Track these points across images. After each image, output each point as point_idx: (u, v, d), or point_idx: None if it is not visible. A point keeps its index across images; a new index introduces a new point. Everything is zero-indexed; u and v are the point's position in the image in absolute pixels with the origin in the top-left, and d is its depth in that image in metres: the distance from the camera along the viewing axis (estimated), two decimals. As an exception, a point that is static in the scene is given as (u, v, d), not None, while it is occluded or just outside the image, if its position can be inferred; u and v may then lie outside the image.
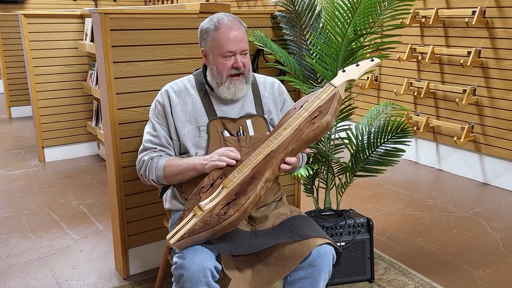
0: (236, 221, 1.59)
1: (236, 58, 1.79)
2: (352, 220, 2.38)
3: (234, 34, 1.77)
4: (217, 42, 1.78)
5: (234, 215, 1.57)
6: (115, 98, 2.26)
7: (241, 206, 1.58)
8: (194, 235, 1.58)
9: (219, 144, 1.83)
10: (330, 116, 1.66)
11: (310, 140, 1.67)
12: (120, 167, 2.33)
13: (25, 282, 2.49)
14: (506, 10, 3.58)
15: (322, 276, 1.68)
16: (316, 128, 1.65)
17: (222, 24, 1.78)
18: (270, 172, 1.65)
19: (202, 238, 1.60)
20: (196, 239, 1.59)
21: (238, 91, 1.84)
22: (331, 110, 1.67)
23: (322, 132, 1.67)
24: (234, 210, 1.57)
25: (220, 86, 1.84)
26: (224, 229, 1.59)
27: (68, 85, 4.48)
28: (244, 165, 1.67)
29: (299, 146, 1.68)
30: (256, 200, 1.62)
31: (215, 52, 1.80)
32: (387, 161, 2.46)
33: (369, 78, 4.63)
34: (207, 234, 1.58)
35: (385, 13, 2.26)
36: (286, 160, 1.68)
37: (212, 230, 1.57)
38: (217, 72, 1.82)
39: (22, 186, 3.89)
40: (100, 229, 3.08)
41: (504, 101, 3.68)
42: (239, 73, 1.82)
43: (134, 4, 8.85)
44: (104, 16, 2.16)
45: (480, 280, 2.48)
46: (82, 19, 4.42)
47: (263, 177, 1.62)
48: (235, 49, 1.78)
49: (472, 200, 3.55)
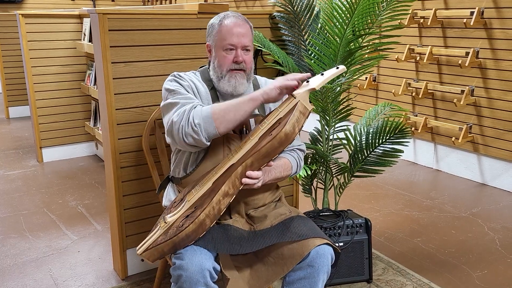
0: (193, 234, 1.61)
1: (237, 52, 1.81)
2: (351, 220, 2.38)
3: (237, 29, 1.80)
4: (220, 35, 1.81)
5: (189, 227, 1.60)
6: (114, 98, 2.26)
7: (196, 218, 1.60)
8: (157, 246, 1.62)
9: (222, 140, 1.82)
10: (289, 126, 1.61)
11: (269, 152, 1.63)
12: (118, 168, 2.33)
13: (23, 282, 2.48)
14: (504, 11, 3.58)
15: (320, 276, 1.68)
16: (273, 139, 1.61)
17: (227, 19, 1.82)
18: (229, 186, 1.64)
19: (166, 250, 1.62)
20: (160, 251, 1.63)
21: (239, 85, 1.83)
22: (290, 121, 1.61)
23: (281, 144, 1.62)
24: (190, 222, 1.60)
25: (220, 80, 1.84)
26: (183, 240, 1.61)
27: (66, 85, 4.47)
28: (206, 179, 1.69)
29: (257, 159, 1.64)
30: (213, 214, 1.63)
31: (217, 45, 1.82)
32: (385, 162, 2.47)
33: (368, 79, 4.63)
34: (168, 246, 1.62)
35: (383, 14, 2.26)
36: (247, 174, 1.64)
37: (171, 241, 1.61)
38: (218, 65, 1.83)
39: (20, 186, 3.88)
40: (98, 230, 3.08)
41: (502, 102, 3.69)
42: (240, 69, 1.82)
43: (133, 4, 8.84)
44: (102, 16, 2.16)
45: (478, 280, 2.49)
46: (80, 19, 4.42)
47: (220, 191, 1.63)
48: (236, 42, 1.79)
49: (470, 201, 3.55)
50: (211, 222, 1.64)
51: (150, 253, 1.63)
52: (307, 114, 1.66)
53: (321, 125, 2.49)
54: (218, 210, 1.64)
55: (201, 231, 1.63)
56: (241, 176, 1.65)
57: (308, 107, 1.66)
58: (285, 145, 1.64)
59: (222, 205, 1.65)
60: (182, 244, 1.62)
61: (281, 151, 1.65)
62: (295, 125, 1.63)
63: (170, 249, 1.63)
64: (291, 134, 1.62)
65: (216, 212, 1.64)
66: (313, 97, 2.33)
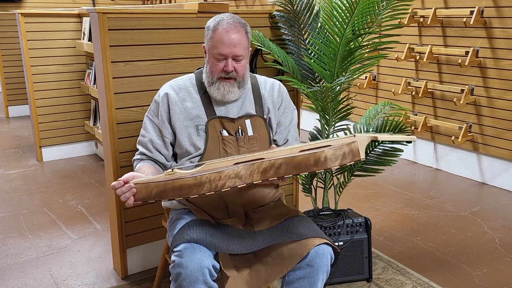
0: (186, 189, 1.55)
1: (227, 62, 1.77)
2: (350, 219, 2.38)
3: (229, 38, 1.74)
4: (212, 43, 1.78)
5: (186, 179, 1.54)
6: (113, 97, 2.26)
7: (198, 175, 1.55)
8: (149, 183, 1.56)
9: (218, 144, 1.82)
10: (332, 154, 1.57)
11: (301, 165, 1.58)
12: (118, 167, 2.33)
13: (23, 282, 2.48)
14: (504, 10, 3.58)
15: (320, 276, 1.68)
16: (312, 154, 1.57)
17: (221, 25, 1.76)
18: (246, 171, 1.57)
19: (154, 192, 1.56)
20: (148, 190, 1.56)
21: (228, 94, 1.82)
22: (337, 151, 1.57)
23: (316, 163, 1.57)
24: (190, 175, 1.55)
25: (210, 86, 1.83)
26: (173, 190, 1.55)
27: (66, 85, 4.47)
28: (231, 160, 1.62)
29: (287, 163, 1.58)
30: (216, 184, 1.56)
31: (210, 52, 1.81)
32: (385, 161, 2.47)
33: (367, 78, 4.63)
34: (158, 188, 1.56)
35: (383, 13, 2.26)
36: (264, 174, 1.59)
37: (163, 184, 1.55)
38: (209, 71, 1.82)
39: (19, 185, 3.88)
40: (98, 229, 3.08)
41: (502, 101, 3.69)
42: (230, 77, 1.80)
43: (132, 3, 8.84)
44: (102, 15, 2.16)
45: (477, 279, 2.49)
46: (80, 18, 4.41)
47: (234, 168, 1.57)
48: (227, 53, 1.76)
49: (470, 200, 3.55)
50: (209, 191, 1.56)
51: (139, 187, 1.57)
52: (355, 158, 1.60)
53: (321, 124, 2.49)
54: (222, 185, 1.56)
55: (195, 192, 1.55)
56: (263, 171, 1.59)
57: (361, 154, 1.60)
58: (319, 168, 1.58)
59: (228, 182, 1.57)
60: (171, 193, 1.56)
61: (312, 172, 1.60)
62: (338, 157, 1.58)
63: (157, 193, 1.56)
64: (330, 162, 1.58)
65: (219, 184, 1.56)
66: (313, 96, 2.33)
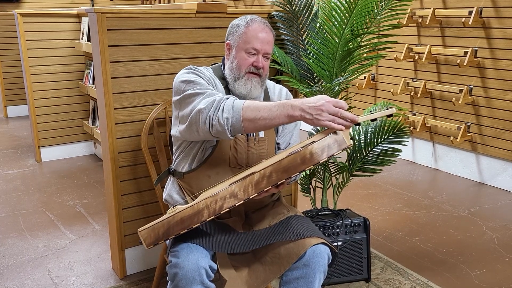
0: (188, 220, 1.57)
1: (258, 57, 1.81)
2: (349, 219, 2.38)
3: (263, 35, 1.81)
4: (245, 37, 1.81)
5: (186, 211, 1.57)
6: (112, 98, 2.25)
7: (195, 204, 1.57)
8: (154, 226, 1.59)
9: (229, 141, 1.82)
10: (318, 147, 1.51)
11: (290, 167, 1.53)
12: (117, 167, 2.32)
13: (21, 282, 2.48)
14: (502, 10, 3.59)
15: (317, 276, 1.68)
16: (296, 153, 1.53)
17: (255, 23, 1.82)
18: (240, 188, 1.57)
19: (161, 232, 1.59)
20: (156, 232, 1.59)
21: (254, 89, 1.83)
22: (321, 143, 1.52)
23: (303, 162, 1.52)
24: (188, 207, 1.58)
25: (236, 81, 1.83)
26: (177, 225, 1.57)
27: (64, 85, 4.47)
28: (224, 181, 1.65)
29: (276, 170, 1.54)
30: (213, 208, 1.57)
31: (240, 46, 1.82)
32: (384, 161, 2.47)
33: (366, 78, 4.64)
34: (163, 228, 1.58)
35: (382, 13, 2.27)
36: (257, 186, 1.57)
37: (167, 221, 1.58)
38: (237, 66, 1.83)
39: (18, 185, 3.87)
40: (96, 229, 3.07)
41: (501, 101, 3.69)
42: (257, 74, 1.83)
43: (131, 3, 8.83)
44: (100, 15, 2.16)
45: (476, 279, 2.49)
46: (78, 18, 4.41)
47: (229, 188, 1.58)
48: (260, 48, 1.80)
49: (469, 200, 3.56)
50: (208, 216, 1.57)
51: (147, 232, 1.59)
52: (343, 146, 1.53)
53: (319, 125, 2.49)
54: (220, 207, 1.56)
55: (196, 221, 1.57)
56: (256, 183, 1.57)
57: (347, 141, 1.53)
58: (308, 165, 1.52)
59: (226, 203, 1.57)
60: (175, 228, 1.57)
61: (302, 170, 1.54)
62: (324, 149, 1.52)
63: (164, 232, 1.58)
64: (317, 157, 1.51)
65: (217, 207, 1.57)
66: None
